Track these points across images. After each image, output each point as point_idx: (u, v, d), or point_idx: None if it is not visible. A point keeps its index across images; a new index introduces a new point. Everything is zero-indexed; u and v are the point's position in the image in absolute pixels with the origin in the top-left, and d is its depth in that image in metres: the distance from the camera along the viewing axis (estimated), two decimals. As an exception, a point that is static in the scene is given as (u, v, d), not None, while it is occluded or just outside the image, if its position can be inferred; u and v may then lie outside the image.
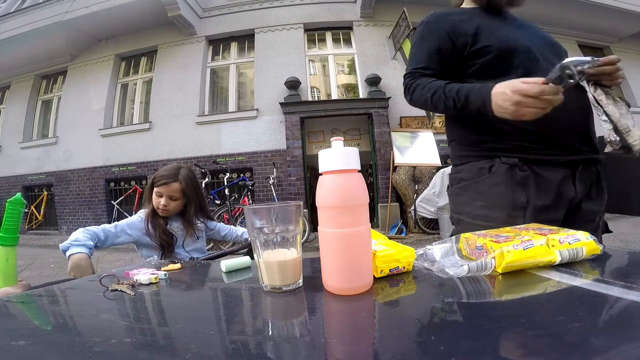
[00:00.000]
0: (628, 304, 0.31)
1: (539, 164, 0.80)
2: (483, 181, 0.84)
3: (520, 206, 0.79)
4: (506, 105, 0.71)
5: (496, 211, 0.81)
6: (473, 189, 0.86)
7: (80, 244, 1.01)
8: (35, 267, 3.70)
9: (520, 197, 0.79)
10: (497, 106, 0.73)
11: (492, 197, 0.82)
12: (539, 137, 0.80)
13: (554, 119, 0.77)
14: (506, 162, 0.81)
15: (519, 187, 0.79)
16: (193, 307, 0.42)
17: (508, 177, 0.80)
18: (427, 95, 0.84)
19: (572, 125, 0.80)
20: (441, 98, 0.82)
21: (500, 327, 0.28)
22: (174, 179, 1.22)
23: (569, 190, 0.80)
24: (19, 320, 0.41)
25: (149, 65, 6.18)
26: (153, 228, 1.20)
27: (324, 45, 5.93)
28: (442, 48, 0.87)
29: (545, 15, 5.78)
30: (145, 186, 5.59)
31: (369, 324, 0.33)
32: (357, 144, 5.54)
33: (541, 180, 0.79)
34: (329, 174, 0.41)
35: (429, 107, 0.86)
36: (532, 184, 0.79)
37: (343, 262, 0.39)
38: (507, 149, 0.82)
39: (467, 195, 0.88)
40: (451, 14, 0.91)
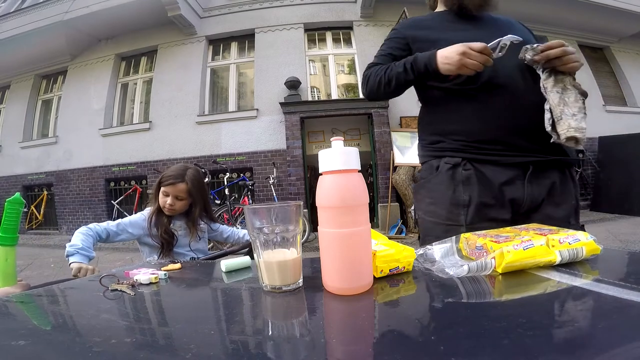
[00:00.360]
0: (628, 304, 0.31)
1: (482, 163, 0.81)
2: (432, 180, 0.87)
3: (462, 204, 0.81)
4: (452, 55, 0.75)
5: (440, 208, 0.84)
6: (425, 187, 0.90)
7: (84, 254, 1.06)
8: (35, 267, 3.70)
9: (462, 195, 0.81)
10: (443, 57, 0.77)
11: (437, 195, 0.86)
12: (483, 137, 0.81)
13: (499, 119, 0.79)
14: (448, 162, 0.84)
15: (461, 186, 0.81)
16: (193, 307, 0.42)
17: (449, 176, 0.83)
18: (380, 74, 0.88)
19: (521, 126, 0.79)
20: (393, 69, 0.85)
21: (500, 327, 0.28)
22: (181, 180, 1.24)
23: (515, 192, 0.80)
24: (19, 320, 0.41)
25: (149, 65, 6.17)
26: (156, 226, 1.23)
27: (324, 45, 5.93)
28: (397, 55, 0.91)
29: (545, 15, 5.79)
30: (145, 186, 5.57)
31: (369, 324, 0.33)
32: (357, 144, 5.54)
33: (484, 179, 0.80)
34: (329, 174, 0.41)
35: (383, 85, 0.88)
36: (475, 183, 0.81)
37: (343, 262, 0.39)
38: (453, 149, 0.84)
39: (421, 193, 0.92)
40: (422, 21, 0.95)
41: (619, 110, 6.30)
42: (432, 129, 0.90)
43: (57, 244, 5.19)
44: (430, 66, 0.79)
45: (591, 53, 6.61)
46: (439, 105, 0.89)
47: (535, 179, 0.80)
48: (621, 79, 6.67)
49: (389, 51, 0.93)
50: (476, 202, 0.80)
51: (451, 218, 0.82)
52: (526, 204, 0.80)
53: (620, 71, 6.65)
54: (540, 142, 0.79)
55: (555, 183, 0.81)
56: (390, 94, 0.91)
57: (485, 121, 0.80)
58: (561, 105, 0.74)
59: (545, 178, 0.80)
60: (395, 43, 0.93)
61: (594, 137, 5.67)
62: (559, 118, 0.73)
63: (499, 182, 0.79)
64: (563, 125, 0.73)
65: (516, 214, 0.81)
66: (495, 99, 0.80)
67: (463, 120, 0.83)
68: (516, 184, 0.79)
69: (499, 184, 0.79)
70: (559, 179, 0.82)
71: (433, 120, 0.91)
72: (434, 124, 0.90)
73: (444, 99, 0.88)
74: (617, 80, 6.71)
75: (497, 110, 0.79)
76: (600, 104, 6.16)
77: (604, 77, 6.57)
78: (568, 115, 0.73)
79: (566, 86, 0.75)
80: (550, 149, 0.79)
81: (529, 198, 0.79)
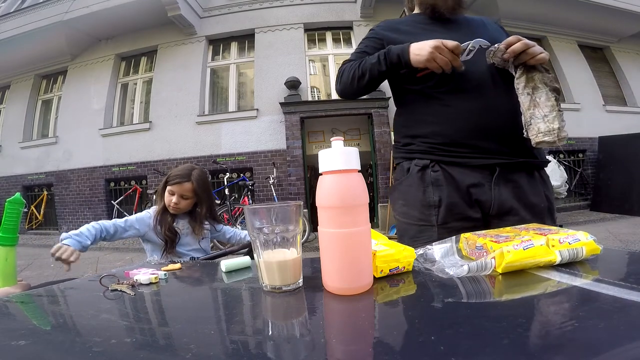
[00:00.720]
0: (628, 304, 0.31)
1: (450, 165, 0.82)
2: (403, 182, 0.89)
3: (432, 204, 0.82)
4: (424, 47, 0.76)
5: (412, 209, 0.86)
6: (398, 189, 0.91)
7: (76, 239, 1.06)
8: (35, 267, 3.70)
9: (432, 196, 0.82)
10: (415, 48, 0.78)
11: (408, 197, 0.87)
12: (449, 139, 0.82)
13: (466, 122, 0.80)
14: (417, 164, 0.85)
15: (431, 187, 0.83)
16: (193, 307, 0.42)
17: (419, 178, 0.84)
18: (355, 68, 0.89)
19: (488, 129, 0.80)
20: (367, 61, 0.86)
21: (500, 327, 0.28)
22: (187, 179, 1.27)
23: (482, 194, 0.80)
24: (19, 320, 0.41)
25: (149, 65, 6.17)
26: (160, 224, 1.26)
27: (324, 45, 5.93)
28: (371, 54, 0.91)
29: (545, 15, 5.79)
30: (145, 186, 5.57)
31: (369, 324, 0.33)
32: (357, 144, 5.54)
33: (452, 180, 0.81)
34: (329, 174, 0.41)
35: (357, 78, 0.88)
36: (443, 184, 0.82)
37: (343, 262, 0.39)
38: (422, 151, 0.86)
39: (394, 195, 0.93)
40: (398, 23, 0.96)
41: (619, 110, 6.30)
42: (405, 132, 0.92)
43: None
44: (403, 57, 0.80)
45: (591, 53, 6.60)
46: (411, 107, 0.91)
47: (503, 182, 0.80)
48: (621, 79, 6.67)
49: (365, 49, 0.94)
50: (446, 202, 0.81)
51: (423, 219, 0.83)
52: (495, 206, 0.80)
53: (620, 71, 6.65)
54: (509, 144, 0.80)
55: (523, 185, 0.81)
56: (362, 89, 0.90)
57: (452, 124, 0.82)
58: (531, 108, 0.74)
59: (513, 180, 0.81)
60: (371, 42, 0.94)
61: (594, 137, 5.67)
62: (529, 123, 0.74)
63: (466, 184, 0.80)
64: (532, 130, 0.73)
65: (487, 216, 0.82)
66: (464, 102, 0.81)
67: (432, 123, 0.84)
68: (484, 186, 0.80)
69: (466, 185, 0.80)
70: (527, 181, 0.82)
71: (405, 123, 0.92)
72: (406, 127, 0.91)
73: (416, 102, 0.89)
74: (617, 80, 6.71)
75: (464, 113, 0.81)
76: (600, 104, 6.16)
77: (604, 77, 6.57)
78: (538, 118, 0.73)
79: (537, 85, 0.74)
80: (519, 151, 0.80)
81: (497, 200, 0.80)
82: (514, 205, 0.80)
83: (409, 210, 0.86)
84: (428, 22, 0.92)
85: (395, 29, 0.93)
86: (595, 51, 6.71)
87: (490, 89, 0.81)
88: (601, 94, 6.24)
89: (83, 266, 3.57)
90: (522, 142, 0.78)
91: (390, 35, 0.92)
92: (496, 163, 0.80)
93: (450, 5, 0.88)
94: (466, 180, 0.80)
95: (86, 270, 3.31)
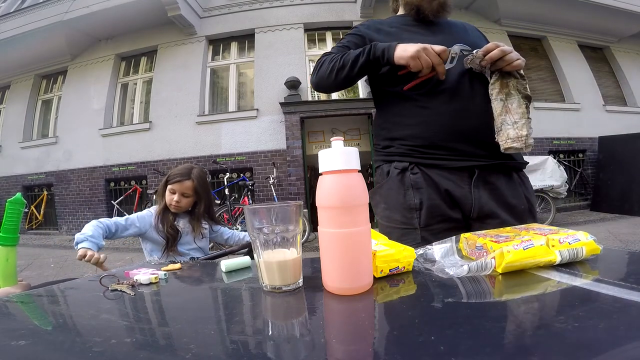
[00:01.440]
0: (628, 304, 0.31)
1: (429, 167, 0.82)
2: (384, 185, 0.88)
3: (414, 207, 0.82)
4: (410, 48, 0.75)
5: (394, 212, 0.85)
6: (378, 192, 0.90)
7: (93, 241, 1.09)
8: (35, 267, 3.70)
9: (413, 199, 0.82)
10: (401, 49, 0.77)
11: (389, 200, 0.86)
12: (427, 141, 0.82)
13: (443, 125, 0.80)
14: (397, 167, 0.85)
15: (411, 190, 0.82)
16: (193, 307, 0.42)
17: (399, 181, 0.84)
18: (336, 59, 0.87)
19: (465, 131, 0.80)
20: (351, 54, 0.85)
21: (500, 327, 0.28)
22: (187, 177, 1.30)
23: (462, 196, 0.80)
24: (19, 320, 0.41)
25: (149, 65, 6.17)
26: (162, 223, 1.28)
27: (324, 45, 5.93)
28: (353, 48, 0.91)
29: (545, 15, 5.80)
30: (145, 186, 5.57)
31: (369, 324, 0.33)
32: (357, 144, 5.54)
33: (432, 183, 0.81)
34: (329, 174, 0.41)
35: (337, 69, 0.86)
36: (424, 186, 0.81)
37: (343, 262, 0.39)
38: (401, 154, 0.85)
39: (375, 198, 0.92)
40: (382, 23, 0.96)
41: (619, 110, 6.30)
42: (384, 134, 0.91)
43: (57, 244, 5.20)
44: (388, 52, 0.79)
45: (591, 53, 6.61)
46: (390, 110, 0.91)
47: (482, 183, 0.80)
48: (621, 79, 6.67)
49: (347, 44, 0.93)
50: (427, 204, 0.81)
51: (405, 222, 0.83)
52: (475, 208, 0.80)
53: (620, 71, 6.65)
54: (486, 147, 0.80)
55: (501, 187, 0.82)
56: (340, 82, 0.87)
57: (429, 127, 0.82)
58: (503, 114, 0.75)
59: (491, 182, 0.81)
60: (354, 38, 0.94)
61: (594, 137, 5.67)
62: (499, 129, 0.75)
63: (444, 186, 0.80)
64: (502, 136, 0.75)
65: (469, 218, 0.82)
66: (441, 104, 0.81)
67: (410, 126, 0.84)
68: (463, 188, 0.80)
69: (444, 188, 0.80)
70: (505, 183, 0.82)
71: (384, 125, 0.92)
72: (385, 129, 0.91)
73: (394, 104, 0.89)
74: (617, 80, 6.71)
75: (441, 116, 0.81)
76: (600, 104, 6.16)
77: (604, 77, 6.57)
78: (508, 124, 0.74)
79: (510, 91, 0.76)
80: (496, 153, 0.80)
81: (477, 202, 0.80)
82: (494, 207, 0.80)
83: (391, 214, 0.86)
84: (411, 23, 0.92)
85: (377, 29, 0.93)
86: (595, 51, 6.71)
87: (467, 92, 0.81)
88: (601, 94, 6.24)
89: (83, 266, 3.57)
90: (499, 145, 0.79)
91: (373, 34, 0.92)
92: (474, 165, 0.80)
93: (435, 8, 0.88)
94: (445, 182, 0.81)
95: (86, 270, 3.31)
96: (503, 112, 0.75)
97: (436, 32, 0.90)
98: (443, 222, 0.81)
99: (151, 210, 1.35)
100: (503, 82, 0.76)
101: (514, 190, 0.83)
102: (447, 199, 0.81)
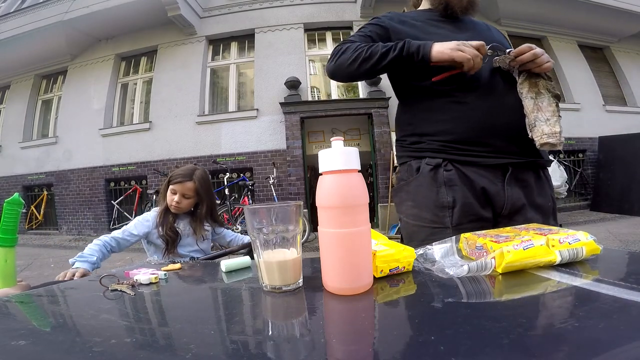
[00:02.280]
0: (628, 304, 0.31)
1: (464, 164, 0.80)
2: (412, 182, 0.85)
3: (446, 206, 0.79)
4: (450, 45, 0.74)
5: (424, 211, 0.82)
6: (405, 190, 0.87)
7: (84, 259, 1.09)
8: (35, 267, 3.70)
9: (446, 197, 0.79)
10: (439, 45, 0.76)
11: (418, 198, 0.83)
12: (461, 137, 0.80)
13: (479, 120, 0.79)
14: (429, 163, 0.82)
15: (444, 188, 0.80)
16: (193, 307, 0.41)
17: (431, 178, 0.81)
18: (362, 49, 0.82)
19: (500, 127, 0.79)
20: (380, 46, 0.81)
21: (500, 327, 0.28)
22: (189, 179, 1.29)
23: (496, 193, 0.79)
24: (19, 320, 0.41)
25: (149, 65, 6.17)
26: (162, 225, 1.28)
27: (324, 45, 5.93)
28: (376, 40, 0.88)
29: (545, 15, 5.79)
30: (145, 186, 5.56)
31: (369, 324, 0.33)
32: (357, 144, 5.54)
33: (466, 180, 0.79)
34: (329, 174, 0.41)
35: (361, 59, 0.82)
36: (458, 183, 0.79)
37: (343, 262, 0.39)
38: (433, 150, 0.83)
39: (401, 195, 0.89)
40: (405, 16, 0.93)
41: (619, 110, 6.30)
42: (412, 129, 0.88)
43: (57, 244, 5.19)
44: (424, 49, 0.77)
45: (591, 53, 6.60)
46: (418, 105, 0.88)
47: (514, 181, 0.80)
48: (621, 79, 6.67)
49: (369, 34, 0.89)
50: (461, 203, 0.78)
51: (436, 221, 0.80)
52: (508, 206, 0.79)
53: (620, 71, 6.65)
54: (518, 143, 0.79)
55: (531, 185, 0.81)
56: (361, 73, 0.84)
57: (464, 122, 0.80)
58: (535, 111, 0.76)
59: (523, 180, 0.81)
60: (376, 28, 0.90)
61: (594, 137, 5.67)
62: (533, 125, 0.76)
63: (480, 184, 0.79)
64: (537, 131, 0.75)
65: (498, 216, 0.81)
66: (475, 100, 0.80)
67: (442, 121, 0.82)
68: (496, 185, 0.79)
69: (481, 186, 0.79)
70: (534, 181, 0.82)
71: (411, 120, 0.89)
72: (413, 124, 0.88)
73: (423, 99, 0.87)
74: (617, 80, 6.71)
75: (476, 111, 0.80)
76: (600, 104, 6.16)
77: (604, 77, 6.57)
78: (542, 120, 0.75)
79: (540, 90, 0.77)
80: (528, 151, 0.80)
81: (510, 200, 0.79)
82: (524, 204, 0.80)
83: (420, 212, 0.83)
84: (437, 19, 0.91)
85: (403, 21, 0.91)
86: (595, 51, 6.71)
87: (499, 87, 0.80)
88: (601, 94, 6.24)
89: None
90: (530, 142, 0.78)
91: (398, 26, 0.89)
92: (508, 162, 0.79)
93: (464, 6, 0.88)
94: (480, 180, 0.79)
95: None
96: (535, 109, 0.76)
97: (462, 29, 0.89)
98: (475, 221, 0.78)
99: (152, 212, 1.34)
100: (531, 81, 0.77)
101: (541, 189, 0.83)
102: (481, 197, 0.79)
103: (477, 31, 0.90)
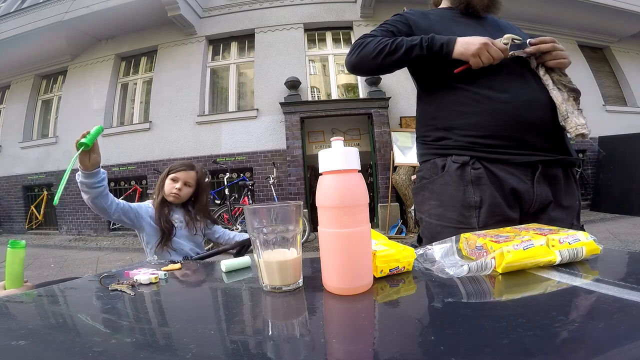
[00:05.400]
0: (628, 304, 0.31)
1: (492, 162, 0.77)
2: (437, 180, 0.82)
3: (473, 205, 0.76)
4: (474, 42, 0.74)
5: (449, 210, 0.79)
6: (429, 188, 0.84)
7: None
8: (35, 267, 3.69)
9: (473, 196, 0.76)
10: (463, 41, 0.76)
11: (444, 197, 0.80)
12: (493, 132, 0.77)
13: (509, 113, 0.76)
14: (456, 161, 0.79)
15: (471, 186, 0.77)
16: (193, 307, 0.41)
17: (457, 176, 0.78)
18: (387, 43, 0.82)
19: (532, 122, 0.76)
20: (405, 40, 0.81)
21: (500, 327, 0.28)
22: (192, 168, 1.38)
23: (525, 192, 0.76)
24: (19, 320, 0.41)
25: (149, 65, 6.17)
26: (158, 216, 1.30)
27: (324, 45, 5.93)
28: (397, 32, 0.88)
29: (545, 15, 5.79)
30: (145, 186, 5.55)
31: (369, 324, 0.33)
32: (357, 144, 5.54)
33: (495, 179, 0.76)
34: (329, 174, 0.41)
35: (385, 53, 0.81)
36: (486, 182, 0.76)
37: (343, 262, 0.39)
38: (460, 147, 0.80)
39: (423, 194, 0.86)
40: (427, 13, 0.93)
41: (619, 110, 6.30)
42: (435, 123, 0.85)
43: (57, 244, 5.20)
44: (448, 46, 0.76)
45: (591, 53, 6.60)
46: (444, 98, 0.85)
47: (543, 178, 0.77)
48: (621, 79, 6.67)
49: (392, 29, 0.88)
50: (488, 202, 0.75)
51: (462, 221, 0.77)
52: (535, 204, 0.77)
53: (620, 71, 6.65)
54: (550, 139, 0.77)
55: (561, 183, 0.79)
56: (385, 66, 0.83)
57: (493, 115, 0.76)
58: (564, 103, 0.75)
59: (552, 178, 0.78)
60: (399, 24, 0.89)
61: (594, 137, 5.67)
62: (566, 117, 0.75)
63: (509, 182, 0.75)
64: (571, 123, 0.74)
65: (524, 214, 0.78)
66: (504, 93, 0.77)
67: (469, 114, 0.79)
68: (526, 184, 0.76)
69: (509, 184, 0.75)
70: (564, 179, 0.80)
71: (436, 114, 0.85)
72: (438, 118, 0.84)
73: (451, 92, 0.83)
74: (617, 80, 6.71)
75: (507, 105, 0.76)
76: (600, 104, 6.16)
77: (604, 77, 6.57)
78: (572, 112, 0.75)
79: (558, 86, 0.77)
80: (558, 147, 0.77)
81: (538, 198, 0.76)
82: (550, 202, 0.78)
83: (445, 212, 0.79)
84: (458, 17, 0.90)
85: (425, 17, 0.90)
86: (595, 51, 6.71)
87: (528, 82, 0.79)
88: (601, 94, 6.24)
89: (83, 266, 3.57)
90: (561, 138, 0.77)
91: (421, 21, 0.88)
92: (538, 160, 0.76)
93: (486, 4, 0.88)
94: (509, 178, 0.75)
95: (86, 270, 3.31)
96: (564, 102, 0.75)
97: (484, 26, 0.89)
98: (501, 222, 0.74)
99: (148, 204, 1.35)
100: (550, 75, 0.78)
101: (569, 187, 0.81)
102: (510, 197, 0.76)
103: (500, 29, 0.90)
